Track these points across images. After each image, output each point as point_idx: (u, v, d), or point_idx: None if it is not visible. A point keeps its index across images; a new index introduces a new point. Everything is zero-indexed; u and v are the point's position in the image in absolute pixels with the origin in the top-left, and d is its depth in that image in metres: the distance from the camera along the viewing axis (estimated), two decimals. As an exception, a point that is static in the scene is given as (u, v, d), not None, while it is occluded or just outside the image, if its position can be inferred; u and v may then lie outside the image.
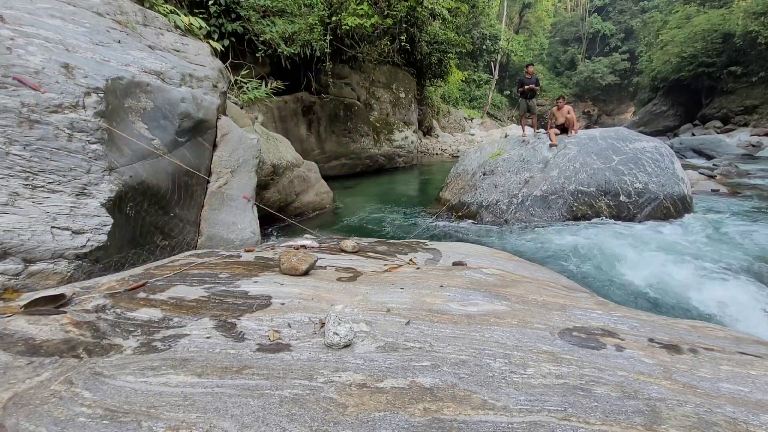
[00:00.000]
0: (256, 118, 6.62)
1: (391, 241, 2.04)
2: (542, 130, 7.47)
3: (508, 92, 34.98)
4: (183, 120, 2.58)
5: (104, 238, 1.65)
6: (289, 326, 0.97)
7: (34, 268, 1.43)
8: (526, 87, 7.07)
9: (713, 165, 12.40)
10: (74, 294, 1.08)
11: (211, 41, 4.74)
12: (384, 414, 0.65)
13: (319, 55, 8.59)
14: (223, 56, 6.86)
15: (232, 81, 6.64)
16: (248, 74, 7.45)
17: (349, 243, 1.86)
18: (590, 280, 3.96)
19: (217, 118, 3.02)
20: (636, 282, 3.96)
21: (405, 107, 11.90)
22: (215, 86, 3.11)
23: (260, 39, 7.75)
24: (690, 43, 23.43)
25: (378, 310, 1.09)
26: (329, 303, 1.12)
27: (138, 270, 1.37)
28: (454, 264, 1.64)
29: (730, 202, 7.37)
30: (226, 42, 7.26)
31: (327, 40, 8.76)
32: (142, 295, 1.08)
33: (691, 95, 25.33)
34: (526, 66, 7.56)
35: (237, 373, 0.75)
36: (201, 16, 6.42)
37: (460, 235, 5.77)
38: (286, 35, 7.97)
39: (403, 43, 10.89)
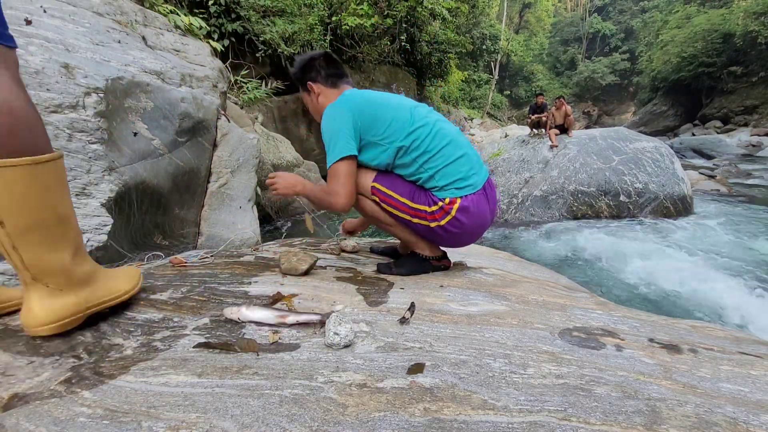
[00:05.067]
0: (256, 118, 6.62)
1: (391, 241, 2.04)
2: (542, 130, 7.46)
3: (508, 92, 34.98)
4: (183, 120, 2.58)
5: (104, 238, 1.66)
6: (289, 326, 0.97)
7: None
8: (534, 116, 7.48)
9: (713, 165, 12.41)
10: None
11: (211, 41, 4.74)
12: (384, 414, 0.65)
13: (319, 55, 8.57)
14: (223, 56, 6.86)
15: (232, 81, 6.64)
16: (248, 74, 7.44)
17: (349, 243, 1.86)
18: (590, 280, 3.96)
19: (217, 118, 3.02)
20: (636, 282, 3.96)
21: (405, 107, 11.93)
22: (215, 86, 3.11)
23: (260, 39, 7.75)
24: (690, 43, 23.42)
25: (378, 310, 1.09)
26: (329, 303, 1.12)
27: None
28: (454, 264, 1.64)
29: (730, 202, 7.37)
30: (226, 42, 7.26)
31: (327, 40, 8.76)
32: (142, 295, 1.08)
33: (691, 95, 25.32)
34: (536, 95, 7.85)
35: (237, 373, 0.75)
36: (201, 16, 6.42)
37: (460, 235, 5.74)
38: (286, 35, 7.97)
39: (403, 43, 10.90)
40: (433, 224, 1.36)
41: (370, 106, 1.35)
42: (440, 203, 1.34)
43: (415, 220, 1.38)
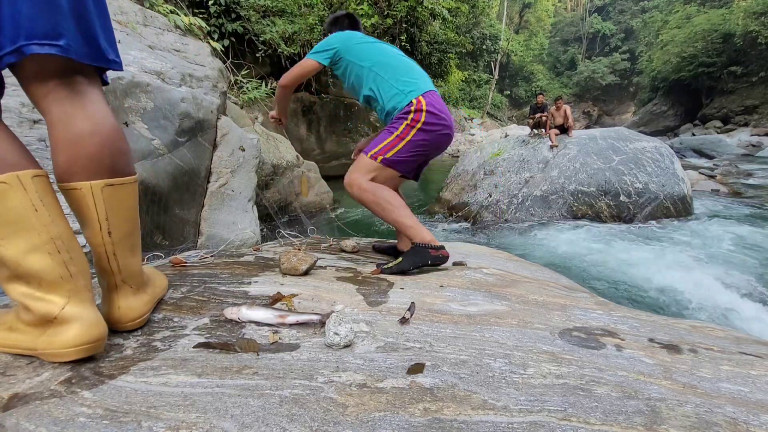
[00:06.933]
0: (256, 118, 6.62)
1: (391, 241, 2.04)
2: (542, 130, 7.47)
3: (508, 92, 34.98)
4: (183, 120, 2.58)
5: (104, 238, 1.65)
6: (289, 326, 0.97)
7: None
8: (537, 116, 7.45)
9: (713, 165, 12.41)
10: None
11: (211, 41, 4.74)
12: (384, 414, 0.65)
13: (319, 55, 8.56)
14: (223, 56, 6.85)
15: (232, 81, 6.64)
16: (248, 74, 7.44)
17: (349, 243, 1.86)
18: (590, 280, 3.96)
19: (217, 118, 3.02)
20: (636, 282, 3.96)
21: (405, 107, 11.94)
22: (215, 86, 3.11)
23: (260, 39, 7.75)
24: (690, 43, 23.42)
25: (378, 310, 1.09)
26: (329, 303, 1.12)
27: (138, 270, 1.37)
28: (454, 264, 1.64)
29: (730, 202, 7.37)
30: (226, 42, 7.25)
31: (327, 40, 8.73)
32: (142, 295, 1.08)
33: (691, 95, 25.31)
34: (537, 95, 7.83)
35: (237, 373, 0.76)
36: (201, 16, 6.42)
37: (460, 235, 5.77)
38: (286, 35, 7.96)
39: (403, 43, 10.87)
40: (417, 126, 1.54)
41: None
42: (411, 108, 1.54)
43: (407, 138, 1.55)
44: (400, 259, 1.50)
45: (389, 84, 1.61)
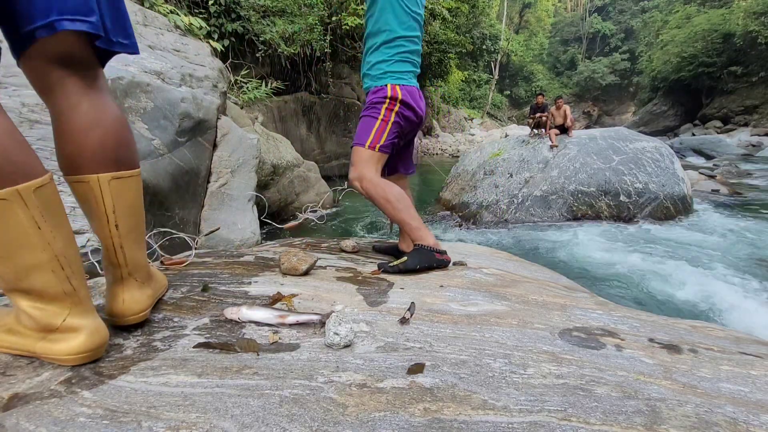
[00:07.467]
0: (256, 118, 6.62)
1: (391, 241, 2.04)
2: (542, 131, 7.47)
3: (508, 92, 34.98)
4: (183, 120, 2.58)
5: (104, 238, 1.65)
6: (289, 326, 0.97)
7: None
8: (537, 115, 7.42)
9: (713, 165, 12.41)
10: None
11: (211, 41, 4.74)
12: (384, 414, 0.65)
13: (319, 55, 8.58)
14: (223, 56, 6.85)
15: (232, 81, 6.64)
16: (248, 74, 7.44)
17: (349, 243, 1.86)
18: (590, 280, 3.96)
19: (217, 118, 3.02)
20: (636, 282, 3.96)
21: (405, 107, 11.96)
22: (215, 86, 3.11)
23: (260, 39, 7.74)
24: (690, 43, 23.40)
25: (378, 310, 1.09)
26: (329, 303, 1.12)
27: (138, 270, 1.36)
28: (454, 264, 1.64)
29: (730, 202, 7.37)
30: (226, 42, 7.25)
31: (327, 40, 8.74)
32: (142, 295, 1.08)
33: (691, 95, 25.29)
34: (537, 95, 7.82)
35: (237, 373, 0.76)
36: (201, 16, 6.41)
37: (460, 235, 5.77)
38: (286, 35, 7.96)
39: (403, 43, 10.84)
40: (395, 110, 1.58)
41: None
42: (386, 93, 1.57)
43: (390, 120, 1.58)
44: (405, 258, 1.49)
45: (385, 57, 1.62)
